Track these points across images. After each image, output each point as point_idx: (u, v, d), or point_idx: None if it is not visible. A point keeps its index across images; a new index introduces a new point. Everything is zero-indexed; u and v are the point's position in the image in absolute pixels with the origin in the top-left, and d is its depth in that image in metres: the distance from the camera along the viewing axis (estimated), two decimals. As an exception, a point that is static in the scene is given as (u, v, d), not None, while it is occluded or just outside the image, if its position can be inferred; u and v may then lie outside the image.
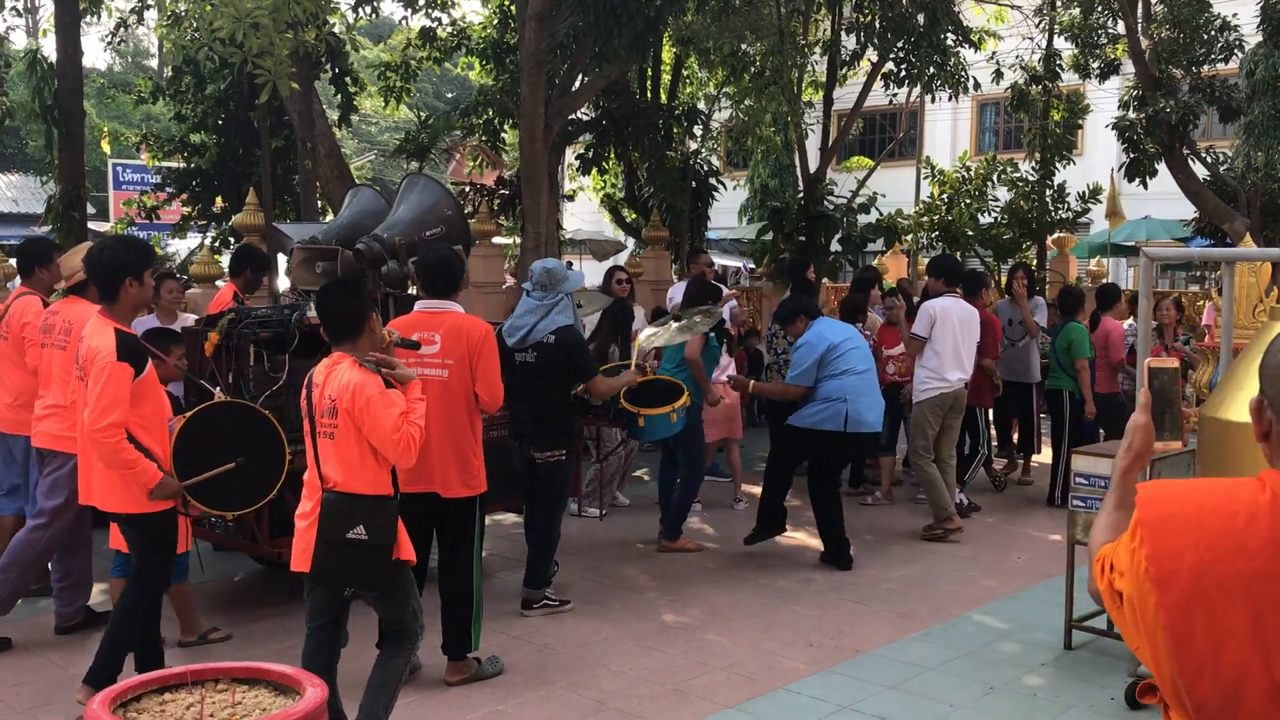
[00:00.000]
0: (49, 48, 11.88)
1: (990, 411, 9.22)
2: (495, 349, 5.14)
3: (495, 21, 14.63)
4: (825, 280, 13.94)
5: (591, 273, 21.62)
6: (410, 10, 13.70)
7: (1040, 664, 5.44)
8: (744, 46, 14.21)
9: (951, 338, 7.83)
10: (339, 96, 13.37)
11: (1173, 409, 2.26)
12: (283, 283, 8.26)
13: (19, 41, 16.25)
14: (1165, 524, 1.59)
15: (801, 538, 7.70)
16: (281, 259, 8.64)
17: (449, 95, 35.51)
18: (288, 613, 6.11)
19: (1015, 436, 10.02)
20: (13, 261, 9.74)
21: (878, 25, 12.76)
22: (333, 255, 6.15)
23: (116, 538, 5.10)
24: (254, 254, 7.64)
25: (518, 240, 13.95)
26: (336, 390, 4.03)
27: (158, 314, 7.66)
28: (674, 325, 7.11)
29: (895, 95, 14.15)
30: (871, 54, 13.58)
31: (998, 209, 15.19)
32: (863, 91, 13.88)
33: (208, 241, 13.77)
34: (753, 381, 8.08)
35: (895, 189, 19.66)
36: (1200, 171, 14.36)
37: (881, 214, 14.51)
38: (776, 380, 8.52)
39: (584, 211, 23.48)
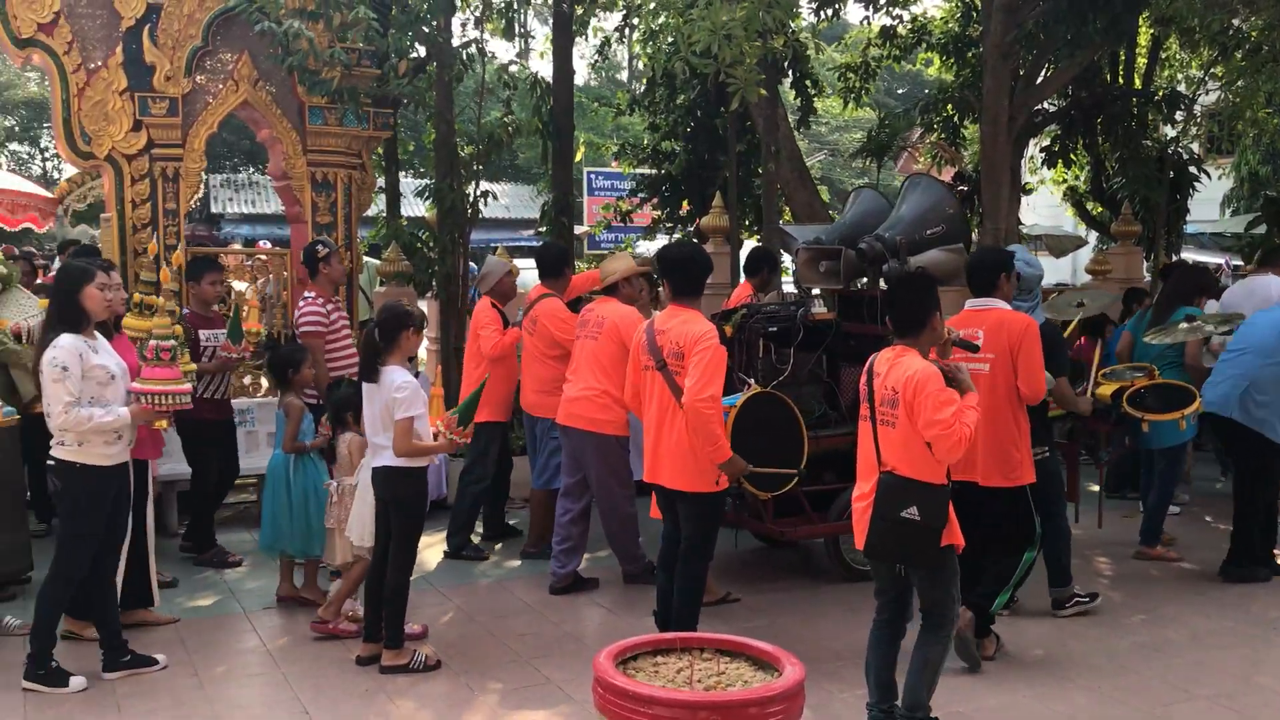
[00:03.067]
0: (535, 68, 13.21)
1: None
2: (1038, 342, 5.18)
3: (957, 15, 14.36)
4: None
5: (1050, 269, 20.57)
6: (872, 9, 13.78)
7: None
8: (1236, 22, 12.92)
9: None
10: (798, 100, 13.75)
11: None
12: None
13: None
14: None
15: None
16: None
17: (900, 92, 35.22)
18: (763, 592, 6.42)
19: None
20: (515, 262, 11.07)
21: None
22: (836, 255, 6.43)
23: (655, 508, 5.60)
24: (769, 256, 8.17)
25: (975, 236, 13.62)
26: (899, 382, 4.22)
27: None
28: (1183, 326, 6.68)
29: None
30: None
31: None
32: (1387, 64, 12.15)
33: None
34: None
35: None
36: None
37: (1407, 204, 12.65)
38: None
39: (1041, 205, 22.44)
